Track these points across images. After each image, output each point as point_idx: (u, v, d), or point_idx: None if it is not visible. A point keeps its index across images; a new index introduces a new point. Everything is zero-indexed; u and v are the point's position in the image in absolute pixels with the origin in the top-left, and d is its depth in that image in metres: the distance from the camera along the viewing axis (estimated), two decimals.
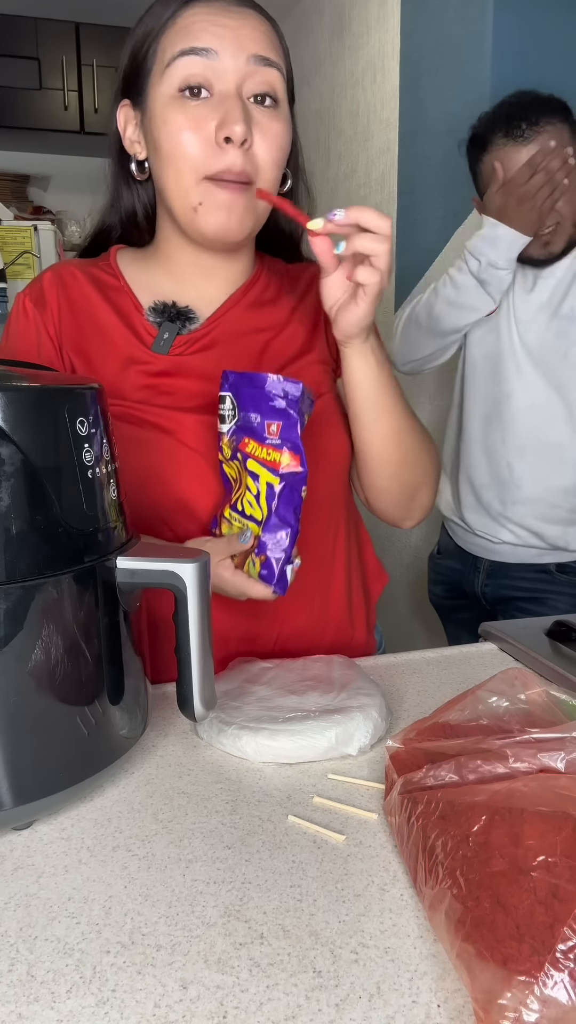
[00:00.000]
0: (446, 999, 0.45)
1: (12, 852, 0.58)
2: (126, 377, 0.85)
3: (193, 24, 0.75)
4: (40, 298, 0.88)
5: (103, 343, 0.87)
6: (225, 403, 0.76)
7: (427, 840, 0.52)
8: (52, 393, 0.58)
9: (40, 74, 3.48)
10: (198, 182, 0.77)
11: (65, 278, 0.89)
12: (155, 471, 0.83)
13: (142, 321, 0.88)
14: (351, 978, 0.46)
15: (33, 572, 0.56)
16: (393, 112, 2.32)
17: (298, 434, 0.71)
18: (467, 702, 0.65)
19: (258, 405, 0.73)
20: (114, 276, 0.90)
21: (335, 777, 0.67)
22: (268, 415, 0.72)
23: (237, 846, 0.59)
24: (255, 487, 0.73)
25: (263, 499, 0.72)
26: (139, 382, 0.85)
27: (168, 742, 0.74)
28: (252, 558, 0.74)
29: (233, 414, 0.75)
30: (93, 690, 0.61)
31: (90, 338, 0.87)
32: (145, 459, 0.83)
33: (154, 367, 0.86)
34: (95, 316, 0.88)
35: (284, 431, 0.71)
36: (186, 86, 0.75)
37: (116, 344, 0.87)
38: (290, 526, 0.73)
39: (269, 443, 0.72)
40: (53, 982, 0.47)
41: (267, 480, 0.72)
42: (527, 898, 0.44)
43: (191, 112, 0.75)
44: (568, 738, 0.55)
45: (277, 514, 0.72)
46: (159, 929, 0.51)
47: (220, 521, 0.81)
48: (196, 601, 0.63)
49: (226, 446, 0.77)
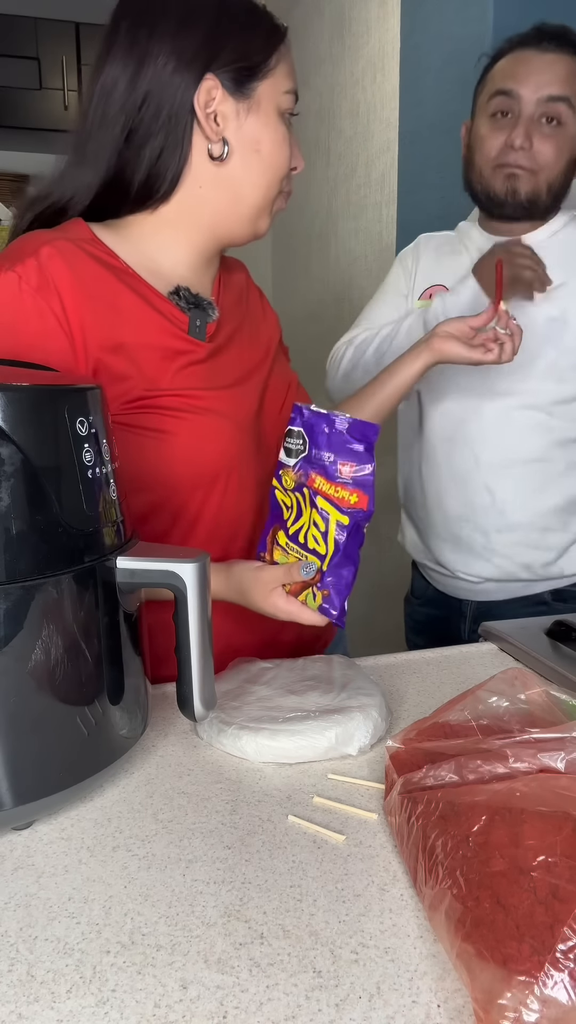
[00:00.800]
0: (446, 999, 0.45)
1: (12, 852, 0.58)
2: (168, 367, 0.82)
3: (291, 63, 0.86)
4: (43, 282, 0.75)
5: (135, 331, 0.80)
6: (295, 438, 0.77)
7: (427, 840, 0.52)
8: (52, 393, 0.58)
9: (40, 74, 3.48)
10: (280, 193, 0.88)
11: (69, 256, 0.77)
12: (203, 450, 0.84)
13: (169, 307, 0.84)
14: (351, 978, 0.46)
15: (33, 572, 0.56)
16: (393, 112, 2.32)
17: (371, 476, 0.72)
18: (467, 702, 0.65)
19: (332, 445, 0.73)
20: (110, 255, 0.82)
21: (335, 777, 0.67)
22: (343, 455, 0.73)
23: (237, 846, 0.59)
24: (323, 525, 0.74)
25: (331, 537, 0.73)
26: (184, 370, 0.84)
27: (168, 742, 0.74)
28: (313, 590, 0.75)
29: (303, 449, 0.76)
30: (93, 690, 0.61)
31: (119, 327, 0.79)
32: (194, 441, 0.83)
33: (198, 354, 0.85)
34: (114, 300, 0.80)
35: (357, 472, 0.72)
36: (288, 115, 0.86)
37: (149, 332, 0.81)
38: (354, 563, 0.74)
39: (340, 482, 0.73)
40: (53, 982, 0.47)
41: (337, 519, 0.73)
42: (527, 898, 0.44)
43: (288, 132, 0.86)
44: (568, 738, 0.55)
45: (345, 552, 0.73)
46: (159, 929, 0.51)
47: (271, 547, 0.81)
48: (196, 601, 0.63)
49: (290, 477, 0.77)
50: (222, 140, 0.81)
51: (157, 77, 0.78)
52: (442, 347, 1.02)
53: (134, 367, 0.79)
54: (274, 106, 0.83)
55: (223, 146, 0.81)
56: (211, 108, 0.80)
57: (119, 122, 0.80)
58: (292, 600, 0.77)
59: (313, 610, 0.75)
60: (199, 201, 0.84)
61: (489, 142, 1.23)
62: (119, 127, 0.80)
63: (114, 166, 0.81)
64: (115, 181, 0.82)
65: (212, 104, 0.80)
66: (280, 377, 0.98)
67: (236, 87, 0.80)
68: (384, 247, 2.39)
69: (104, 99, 0.80)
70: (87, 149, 0.81)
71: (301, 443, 0.76)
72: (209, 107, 0.80)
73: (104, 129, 0.80)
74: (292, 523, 0.78)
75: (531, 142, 1.20)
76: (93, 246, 0.81)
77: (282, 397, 0.97)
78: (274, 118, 0.84)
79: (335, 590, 0.73)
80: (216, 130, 0.81)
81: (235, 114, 0.81)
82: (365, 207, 2.56)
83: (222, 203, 0.85)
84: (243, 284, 1.02)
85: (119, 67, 0.79)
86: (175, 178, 0.82)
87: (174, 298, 0.85)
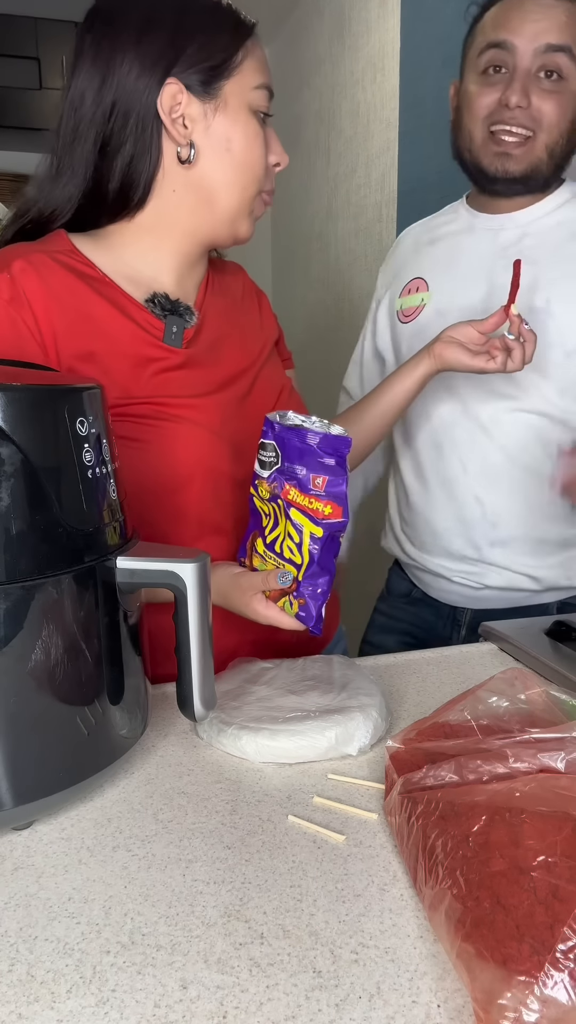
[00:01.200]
0: (446, 999, 0.45)
1: (12, 852, 0.58)
2: (140, 373, 0.83)
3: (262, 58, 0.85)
4: (15, 295, 0.77)
5: (107, 339, 0.81)
6: (268, 451, 0.77)
7: (427, 840, 0.52)
8: (52, 393, 0.58)
9: (40, 74, 3.48)
10: (258, 194, 0.86)
11: (41, 269, 0.79)
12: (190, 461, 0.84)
13: (143, 315, 0.84)
14: (351, 978, 0.46)
15: (33, 572, 0.56)
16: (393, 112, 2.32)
17: (344, 488, 0.73)
18: (467, 702, 0.65)
19: (304, 459, 0.74)
20: (87, 265, 0.83)
21: (335, 777, 0.67)
22: (315, 470, 0.73)
23: (237, 846, 0.59)
24: (297, 536, 0.74)
25: (305, 548, 0.74)
26: (156, 377, 0.84)
27: (168, 742, 0.74)
28: (290, 598, 0.76)
29: (275, 461, 0.76)
30: (93, 690, 0.61)
31: (90, 336, 0.81)
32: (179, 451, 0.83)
33: (169, 361, 0.85)
34: (88, 311, 0.81)
35: (330, 485, 0.73)
36: (261, 112, 0.84)
37: (121, 340, 0.83)
38: (330, 572, 0.75)
39: (314, 494, 0.73)
40: (53, 982, 0.47)
41: (310, 531, 0.73)
42: (527, 898, 0.44)
43: (261, 129, 0.84)
44: (568, 738, 0.55)
45: (319, 563, 0.74)
46: (159, 929, 0.51)
47: (250, 553, 0.81)
48: (196, 601, 0.63)
49: (264, 488, 0.78)
50: (189, 143, 0.81)
51: (122, 85, 0.79)
52: (443, 353, 1.00)
53: (105, 376, 0.79)
54: (243, 104, 0.82)
55: (190, 149, 0.81)
56: (177, 112, 0.80)
57: (91, 135, 0.81)
58: (271, 605, 0.77)
59: (289, 616, 0.76)
60: (174, 206, 0.84)
61: (480, 100, 1.08)
62: (91, 140, 0.81)
63: (91, 178, 0.82)
64: (93, 192, 0.83)
65: (178, 108, 0.80)
66: (269, 381, 0.97)
67: (202, 88, 0.80)
68: (384, 247, 2.39)
69: (74, 113, 0.81)
70: (63, 164, 0.82)
71: (274, 456, 0.76)
72: (175, 111, 0.80)
73: (78, 143, 0.81)
74: (269, 532, 0.78)
75: (529, 99, 1.04)
76: (70, 257, 0.82)
77: (272, 402, 0.96)
78: (244, 116, 0.82)
79: (310, 599, 0.74)
80: (184, 133, 0.81)
81: (202, 115, 0.81)
82: (365, 207, 2.56)
83: (197, 206, 0.84)
84: (239, 288, 1.01)
85: (86, 80, 0.80)
86: (148, 184, 0.83)
87: (149, 305, 0.85)
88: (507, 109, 1.05)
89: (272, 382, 0.97)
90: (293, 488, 0.74)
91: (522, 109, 1.04)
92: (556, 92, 1.04)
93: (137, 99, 0.79)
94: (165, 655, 0.69)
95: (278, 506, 0.76)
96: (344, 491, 0.73)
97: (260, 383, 0.94)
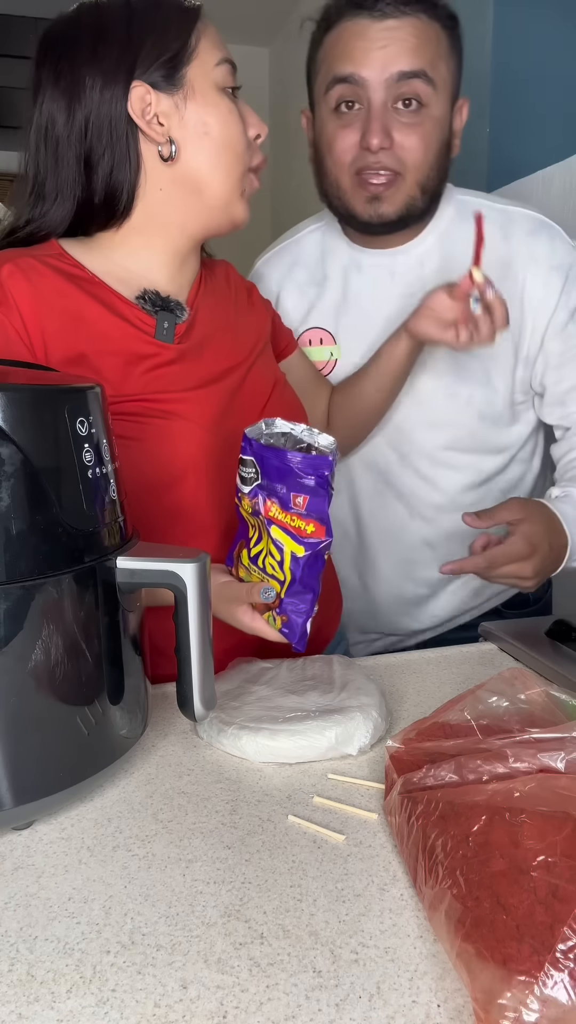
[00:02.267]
0: (446, 999, 0.45)
1: (12, 852, 0.58)
2: (131, 371, 0.83)
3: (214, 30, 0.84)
4: (3, 297, 0.78)
5: (97, 338, 0.82)
6: (247, 467, 0.75)
7: (427, 840, 0.52)
8: (52, 393, 0.58)
9: None
10: (245, 172, 0.86)
11: (28, 272, 0.79)
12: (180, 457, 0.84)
13: (134, 312, 0.85)
14: (351, 978, 0.46)
15: (33, 572, 0.56)
16: None
17: (327, 507, 0.70)
18: (467, 702, 0.65)
19: (284, 478, 0.71)
20: (76, 267, 0.84)
21: (335, 777, 0.67)
22: (295, 489, 0.71)
23: (237, 846, 0.59)
24: (278, 555, 0.72)
25: (287, 566, 0.72)
26: (149, 374, 0.84)
27: (168, 742, 0.74)
28: (273, 614, 0.75)
29: (255, 477, 0.74)
30: (93, 690, 0.61)
31: (80, 336, 0.81)
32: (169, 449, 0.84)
33: (160, 357, 0.85)
34: (77, 311, 0.81)
35: (312, 504, 0.70)
36: (229, 87, 0.84)
37: (112, 337, 0.83)
38: (313, 591, 0.73)
39: (295, 512, 0.71)
40: (53, 982, 0.47)
41: (291, 550, 0.72)
42: (527, 898, 0.44)
43: (233, 105, 0.84)
44: (568, 738, 0.55)
45: (301, 582, 0.72)
46: (159, 929, 0.51)
47: (237, 563, 0.80)
48: (196, 601, 0.63)
49: (246, 503, 0.76)
50: (169, 140, 0.82)
51: (90, 100, 0.80)
52: (416, 326, 0.96)
53: (97, 376, 0.80)
54: (210, 83, 0.82)
55: (170, 146, 0.82)
56: (149, 113, 0.81)
57: (71, 156, 0.82)
58: (257, 617, 0.76)
59: (274, 630, 0.75)
60: (164, 204, 0.85)
61: (340, 143, 0.99)
62: (73, 161, 0.82)
63: (79, 197, 0.83)
64: (81, 207, 0.84)
65: (149, 108, 0.81)
66: (262, 376, 0.96)
67: (166, 82, 0.81)
68: None
69: (46, 139, 0.82)
70: (46, 189, 0.84)
71: (253, 472, 0.74)
72: (147, 113, 0.81)
73: (60, 166, 0.82)
74: (254, 544, 0.77)
75: (391, 138, 0.96)
76: (60, 260, 0.83)
77: (265, 396, 0.95)
78: (213, 96, 0.83)
79: (293, 615, 0.73)
80: (161, 131, 0.82)
81: (174, 108, 0.82)
82: None
83: (187, 199, 0.85)
84: (229, 284, 1.01)
85: (52, 105, 0.82)
86: (131, 191, 0.84)
87: (140, 302, 0.85)
88: (370, 152, 0.96)
89: (264, 376, 0.97)
90: (275, 504, 0.72)
91: (385, 150, 0.96)
92: (417, 124, 0.96)
93: (107, 110, 0.80)
94: (165, 655, 0.69)
95: (260, 521, 0.74)
96: (326, 510, 0.70)
97: (252, 377, 0.94)
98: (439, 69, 0.96)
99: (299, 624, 0.73)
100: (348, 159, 0.99)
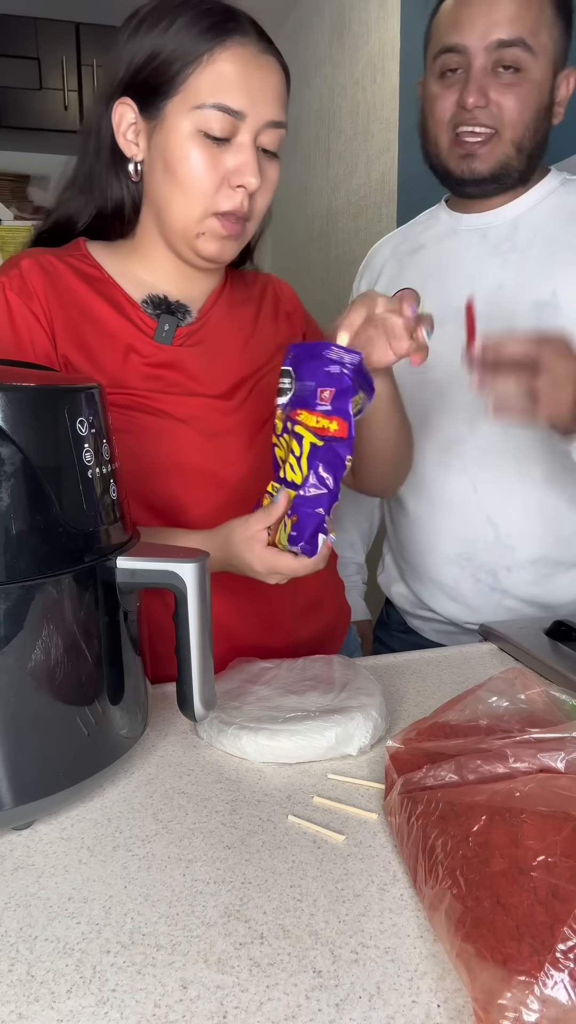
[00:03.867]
0: (446, 999, 0.45)
1: (12, 852, 0.58)
2: (128, 366, 0.86)
3: (228, 73, 0.79)
4: (23, 288, 0.84)
5: (101, 333, 0.86)
6: (284, 376, 0.76)
7: (427, 840, 0.52)
8: (52, 393, 0.58)
9: (40, 74, 3.48)
10: (206, 216, 0.83)
11: (46, 267, 0.86)
12: (164, 454, 0.86)
13: (138, 313, 0.88)
14: (351, 978, 0.46)
15: (33, 572, 0.56)
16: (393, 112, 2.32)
17: (349, 403, 0.71)
18: (467, 702, 0.65)
19: (313, 372, 0.73)
20: (94, 268, 0.88)
21: (335, 777, 0.67)
22: (322, 381, 0.72)
23: (237, 846, 0.59)
24: (298, 449, 0.73)
25: (304, 461, 0.72)
26: (142, 371, 0.87)
27: (168, 742, 0.74)
28: (285, 520, 0.74)
29: (291, 387, 0.75)
30: (93, 690, 0.61)
31: (86, 329, 0.85)
32: (153, 445, 0.85)
33: (157, 358, 0.87)
34: (86, 306, 0.86)
35: (336, 398, 0.71)
36: (212, 136, 0.80)
37: (115, 334, 0.86)
38: (328, 489, 0.72)
39: (320, 410, 0.72)
40: (53, 982, 0.47)
41: (310, 441, 0.72)
42: (527, 898, 0.44)
43: (211, 152, 0.80)
44: (568, 738, 0.55)
45: (316, 474, 0.72)
46: (159, 929, 0.51)
47: (264, 499, 0.80)
48: (196, 601, 0.63)
49: (279, 420, 0.77)
50: (137, 160, 0.85)
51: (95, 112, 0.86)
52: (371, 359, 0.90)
53: (96, 366, 0.84)
54: (186, 122, 0.79)
55: (135, 165, 0.85)
56: (124, 129, 0.84)
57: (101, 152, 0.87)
58: (269, 548, 0.76)
59: (288, 555, 0.74)
60: (150, 223, 0.89)
61: (440, 102, 1.04)
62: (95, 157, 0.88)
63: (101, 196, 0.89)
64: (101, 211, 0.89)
65: (128, 126, 0.83)
66: (270, 390, 0.93)
67: (144, 107, 0.82)
68: None
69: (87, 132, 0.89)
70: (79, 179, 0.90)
71: (288, 381, 0.76)
72: (127, 130, 0.84)
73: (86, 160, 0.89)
74: (281, 469, 0.77)
75: (487, 97, 1.00)
76: (80, 260, 0.88)
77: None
78: (182, 135, 0.80)
79: (304, 518, 0.72)
80: (133, 151, 0.84)
81: (147, 133, 0.83)
82: (365, 207, 2.56)
83: (158, 222, 0.87)
84: (256, 294, 1.00)
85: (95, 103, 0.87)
86: (133, 200, 0.88)
87: (144, 304, 0.89)
88: (466, 111, 1.01)
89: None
90: (303, 410, 0.73)
91: (481, 108, 1.01)
92: (515, 85, 1.00)
93: (98, 122, 0.86)
94: (165, 655, 0.69)
95: (288, 434, 0.75)
96: (349, 409, 0.72)
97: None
98: (540, 37, 1.00)
99: (310, 526, 0.72)
100: (447, 117, 1.04)
